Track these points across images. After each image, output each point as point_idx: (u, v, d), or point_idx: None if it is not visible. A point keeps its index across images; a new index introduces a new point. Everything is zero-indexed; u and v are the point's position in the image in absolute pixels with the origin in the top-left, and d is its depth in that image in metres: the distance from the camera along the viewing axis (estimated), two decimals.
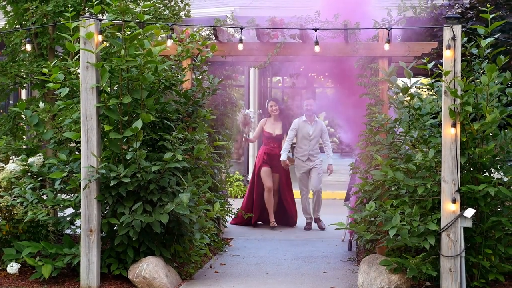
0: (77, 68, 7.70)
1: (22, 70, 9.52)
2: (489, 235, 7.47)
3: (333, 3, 8.97)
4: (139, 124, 7.28)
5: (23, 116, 8.23)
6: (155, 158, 7.65)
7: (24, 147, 9.34)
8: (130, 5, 9.58)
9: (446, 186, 7.12)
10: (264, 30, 8.87)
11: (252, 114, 11.97)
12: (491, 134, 7.43)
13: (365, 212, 7.53)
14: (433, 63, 7.40)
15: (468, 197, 7.33)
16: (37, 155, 8.41)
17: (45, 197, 7.89)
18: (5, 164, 8.37)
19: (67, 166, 7.85)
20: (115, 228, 7.67)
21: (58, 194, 7.98)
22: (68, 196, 8.07)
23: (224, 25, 9.06)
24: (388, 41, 7.97)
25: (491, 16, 7.36)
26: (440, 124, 7.29)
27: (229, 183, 15.72)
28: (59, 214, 8.68)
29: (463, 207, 7.21)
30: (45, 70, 7.72)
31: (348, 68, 9.07)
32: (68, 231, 8.62)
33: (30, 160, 8.21)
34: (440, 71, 7.14)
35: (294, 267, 8.71)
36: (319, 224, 11.64)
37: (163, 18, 10.03)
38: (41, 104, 8.40)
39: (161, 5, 10.35)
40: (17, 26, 9.71)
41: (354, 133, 9.19)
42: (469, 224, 7.09)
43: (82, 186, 7.39)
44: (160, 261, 7.57)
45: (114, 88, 7.80)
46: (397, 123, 7.97)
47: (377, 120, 8.11)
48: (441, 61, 7.20)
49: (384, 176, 7.53)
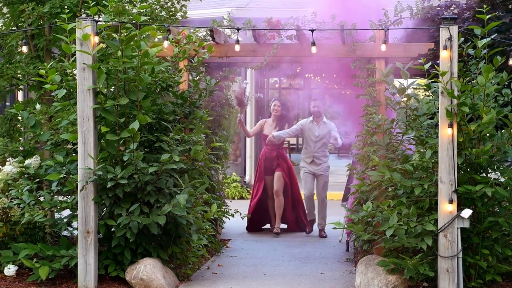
0: (74, 70, 7.70)
1: (19, 72, 9.50)
2: (486, 236, 7.47)
3: (330, 4, 8.97)
4: (136, 126, 7.27)
5: (20, 118, 8.21)
6: (152, 160, 7.65)
7: (21, 149, 9.32)
8: (127, 7, 9.58)
9: (443, 187, 7.12)
10: (261, 31, 8.88)
11: (246, 85, 11.43)
12: (488, 135, 7.43)
13: (362, 213, 7.53)
14: (430, 64, 7.40)
15: (465, 198, 7.34)
16: (34, 157, 8.39)
17: (42, 199, 7.88)
18: (2, 166, 8.36)
19: (64, 168, 7.84)
20: (112, 230, 7.66)
21: (55, 196, 7.97)
22: (65, 198, 8.06)
23: (221, 26, 9.06)
24: (385, 42, 7.98)
25: (488, 17, 7.36)
26: (437, 125, 7.30)
27: (226, 184, 15.71)
28: (56, 216, 8.68)
29: (460, 208, 7.21)
30: (42, 72, 7.71)
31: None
32: (65, 233, 8.61)
33: (27, 162, 8.19)
34: (437, 72, 7.14)
35: (292, 268, 8.71)
36: (321, 234, 11.11)
37: (160, 20, 10.02)
38: (38, 106, 8.39)
39: (158, 6, 10.35)
40: (14, 28, 9.70)
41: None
42: (466, 225, 7.09)
43: (79, 188, 7.38)
44: (158, 263, 7.56)
45: (111, 90, 7.79)
46: (394, 124, 7.97)
47: (374, 121, 8.11)
48: (438, 62, 7.21)
49: (381, 177, 7.53)
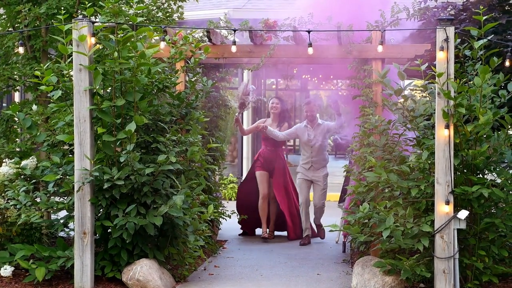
0: (70, 71, 7.69)
1: (15, 73, 9.49)
2: (483, 237, 7.48)
3: (327, 5, 8.98)
4: (133, 127, 7.27)
5: (16, 119, 8.19)
6: (149, 161, 7.65)
7: (18, 150, 9.31)
8: (123, 7, 9.58)
9: (440, 188, 7.12)
10: (258, 32, 8.88)
11: (252, 89, 10.85)
12: (485, 136, 7.44)
13: (359, 214, 7.53)
14: (426, 65, 7.41)
15: (462, 199, 7.34)
16: (31, 158, 8.38)
17: (39, 200, 7.87)
18: None
19: (61, 169, 7.83)
20: (109, 231, 7.65)
21: (52, 197, 7.96)
22: (62, 199, 8.05)
23: (218, 27, 9.07)
24: (381, 43, 7.98)
25: (484, 18, 7.37)
26: (434, 126, 7.30)
27: (223, 185, 15.68)
28: (53, 217, 8.66)
29: (457, 209, 7.21)
30: (37, 73, 7.71)
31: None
32: (62, 234, 8.60)
33: (24, 163, 8.19)
34: (434, 73, 7.15)
35: (288, 269, 8.71)
36: (320, 232, 10.81)
37: (156, 20, 10.02)
38: (34, 107, 8.38)
39: (154, 7, 10.35)
40: (10, 29, 9.69)
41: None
42: (463, 226, 7.10)
43: (76, 189, 7.37)
44: (154, 264, 7.56)
45: (107, 91, 7.79)
46: (391, 125, 7.97)
47: (371, 122, 8.11)
48: (435, 63, 7.21)
49: (378, 178, 7.54)
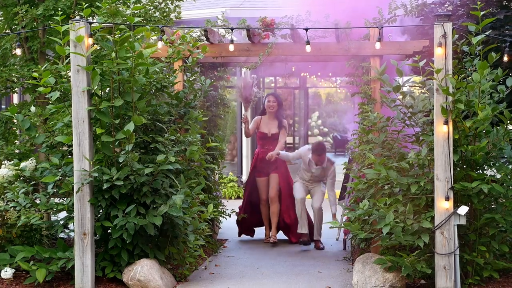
0: (68, 72, 7.68)
1: (13, 75, 9.49)
2: (483, 232, 7.48)
3: (324, 3, 8.98)
4: (131, 127, 7.26)
5: (15, 121, 8.19)
6: (148, 161, 7.64)
7: (17, 152, 9.31)
8: (120, 8, 9.57)
9: (439, 184, 7.12)
10: (255, 31, 8.88)
11: (255, 81, 10.49)
12: (484, 131, 7.44)
13: (359, 211, 7.53)
14: (425, 61, 7.41)
15: (462, 195, 7.34)
16: (30, 160, 8.39)
17: (38, 201, 7.87)
18: None
19: (60, 170, 7.83)
20: (109, 231, 7.64)
21: (51, 198, 7.95)
22: (61, 200, 8.05)
23: (215, 26, 9.06)
24: (379, 40, 7.98)
25: (482, 13, 7.36)
26: (433, 122, 7.30)
27: (223, 184, 15.71)
28: (53, 218, 8.66)
29: (457, 205, 7.21)
30: (35, 74, 7.70)
31: None
32: (62, 235, 8.59)
33: (23, 165, 8.18)
34: (432, 69, 7.14)
35: (289, 267, 8.71)
36: (317, 245, 10.12)
37: (154, 20, 10.02)
38: (33, 108, 8.37)
39: (152, 7, 10.34)
40: (7, 31, 9.68)
41: None
42: (463, 222, 7.10)
43: (75, 190, 7.37)
44: (155, 264, 7.55)
45: (106, 91, 7.78)
46: (390, 122, 7.97)
47: (370, 119, 8.11)
48: (433, 59, 7.21)
49: (378, 175, 7.53)
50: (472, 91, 7.31)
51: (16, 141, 9.93)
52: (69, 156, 7.95)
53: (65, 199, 7.96)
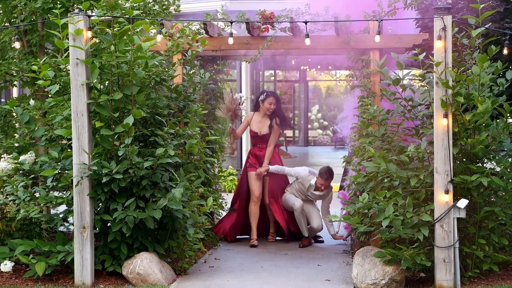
0: (67, 65, 7.67)
1: (12, 68, 9.47)
2: (483, 225, 7.48)
3: None
4: (130, 120, 7.26)
5: (14, 114, 8.18)
6: (147, 154, 7.64)
7: (16, 145, 9.31)
8: (119, 1, 9.53)
9: (439, 177, 7.11)
10: (255, 24, 8.87)
11: (242, 100, 9.91)
12: (483, 124, 7.43)
13: (359, 204, 7.53)
14: (424, 54, 7.40)
15: (461, 188, 7.34)
16: (29, 153, 8.38)
17: (37, 195, 7.86)
18: None
19: (59, 164, 7.82)
20: (108, 225, 7.65)
21: (51, 192, 7.95)
22: (61, 194, 8.04)
23: (214, 19, 9.05)
24: (379, 33, 7.97)
25: (482, 6, 7.34)
26: (432, 115, 7.29)
27: (223, 178, 15.70)
28: (52, 212, 8.66)
29: (456, 198, 7.21)
30: (34, 68, 7.69)
31: None
32: (61, 228, 8.59)
33: (22, 158, 8.17)
34: (432, 62, 7.13)
35: (289, 261, 8.71)
36: (316, 238, 10.05)
37: (153, 13, 9.99)
38: (32, 102, 8.36)
39: (151, 0, 10.31)
40: (6, 24, 9.66)
41: None
42: (463, 215, 7.10)
43: (74, 183, 7.36)
44: (154, 257, 7.55)
45: (105, 85, 7.77)
46: (390, 115, 7.96)
47: (369, 112, 8.10)
48: (433, 52, 7.20)
49: (377, 168, 7.53)
50: (472, 84, 7.30)
51: (16, 135, 9.93)
52: (69, 150, 7.94)
53: (65, 193, 7.96)
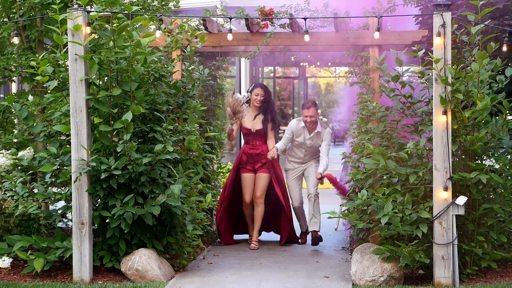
0: (66, 61, 7.65)
1: (11, 64, 9.46)
2: (482, 222, 7.48)
3: None
4: (129, 116, 7.24)
5: (13, 110, 8.17)
6: (146, 150, 7.62)
7: (14, 141, 9.29)
8: None
9: (438, 174, 7.11)
10: (254, 20, 8.86)
11: (244, 99, 9.47)
12: (483, 121, 7.43)
13: (358, 201, 7.52)
14: (424, 51, 7.39)
15: (460, 185, 7.34)
16: (27, 149, 8.36)
17: (36, 191, 7.86)
18: None
19: (58, 159, 7.81)
20: (107, 221, 7.65)
21: (49, 188, 7.94)
22: (59, 189, 8.04)
23: (214, 15, 9.03)
24: (378, 29, 7.96)
25: (481, 3, 7.33)
26: (432, 112, 7.28)
27: (221, 174, 15.68)
28: (51, 208, 8.65)
29: (455, 195, 7.21)
30: (33, 63, 7.67)
31: None
32: (60, 224, 8.59)
33: (20, 154, 8.17)
34: (431, 59, 7.12)
35: (288, 257, 8.70)
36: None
37: (152, 9, 9.96)
38: (31, 97, 8.35)
39: None
40: (5, 19, 9.64)
41: None
42: (461, 212, 7.09)
43: (73, 179, 7.35)
44: (153, 253, 7.55)
45: (104, 80, 7.75)
46: (389, 112, 7.95)
47: (369, 109, 8.09)
48: (432, 49, 7.19)
49: (376, 165, 7.52)
50: (471, 81, 7.29)
51: (14, 130, 9.91)
52: (67, 146, 7.93)
53: (63, 189, 7.95)
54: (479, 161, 7.57)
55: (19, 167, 8.13)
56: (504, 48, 7.49)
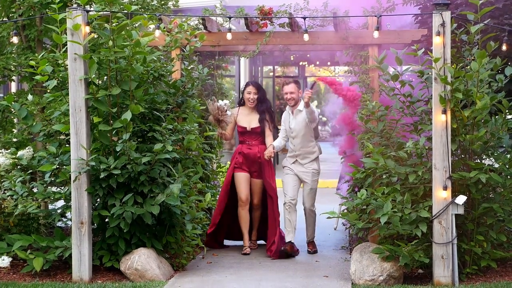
0: (65, 60, 7.65)
1: (11, 63, 9.45)
2: (481, 222, 7.48)
3: None
4: (129, 116, 7.24)
5: (12, 109, 8.17)
6: (145, 150, 7.62)
7: (14, 140, 9.29)
8: None
9: (437, 173, 7.11)
10: (253, 19, 8.86)
11: (227, 107, 9.01)
12: (482, 121, 7.43)
13: (357, 200, 7.52)
14: (423, 50, 7.39)
15: (460, 184, 7.34)
16: (27, 148, 8.36)
17: (35, 190, 7.86)
18: None
19: (57, 159, 7.81)
20: (106, 220, 7.65)
21: (49, 187, 7.95)
22: (59, 189, 8.04)
23: (213, 15, 9.03)
24: (378, 29, 7.95)
25: (481, 2, 7.34)
26: (431, 111, 7.28)
27: (221, 174, 15.67)
28: (50, 207, 8.65)
29: (455, 194, 7.21)
30: (32, 63, 7.67)
31: None
32: (59, 224, 8.59)
33: (20, 153, 8.17)
34: (430, 58, 7.12)
35: (287, 257, 8.69)
36: (310, 247, 9.05)
37: (151, 8, 9.96)
38: (30, 97, 8.35)
39: None
40: (4, 19, 9.64)
41: None
42: (461, 211, 7.09)
43: (72, 179, 7.35)
44: (152, 253, 7.55)
45: (103, 80, 7.75)
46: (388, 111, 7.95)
47: (368, 108, 8.09)
48: (431, 48, 7.19)
49: (376, 164, 7.52)
50: (471, 80, 7.29)
51: (14, 130, 9.91)
52: (67, 145, 7.93)
53: (63, 188, 7.96)
54: (479, 160, 7.57)
55: (19, 167, 8.13)
56: (504, 47, 7.49)
